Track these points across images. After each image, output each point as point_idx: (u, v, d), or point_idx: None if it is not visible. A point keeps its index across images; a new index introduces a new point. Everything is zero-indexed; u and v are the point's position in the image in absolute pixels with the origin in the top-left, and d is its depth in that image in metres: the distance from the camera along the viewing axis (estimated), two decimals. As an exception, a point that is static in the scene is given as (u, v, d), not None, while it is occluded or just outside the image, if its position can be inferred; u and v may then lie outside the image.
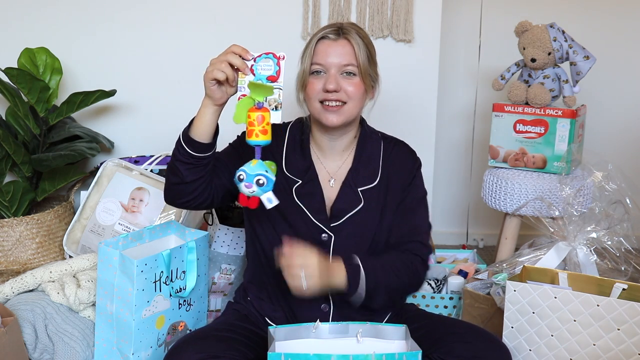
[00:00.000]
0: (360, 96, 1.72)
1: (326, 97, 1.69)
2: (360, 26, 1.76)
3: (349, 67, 1.69)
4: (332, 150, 1.79)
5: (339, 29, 1.71)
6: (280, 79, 1.57)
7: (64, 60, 2.58)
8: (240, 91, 1.57)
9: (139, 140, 2.73)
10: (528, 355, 1.76)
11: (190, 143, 1.63)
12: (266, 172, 1.51)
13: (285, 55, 1.57)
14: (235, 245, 2.22)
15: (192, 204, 1.72)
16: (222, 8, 2.67)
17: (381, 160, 1.80)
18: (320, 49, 1.70)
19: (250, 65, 1.57)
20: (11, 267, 2.34)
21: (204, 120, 1.62)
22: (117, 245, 1.83)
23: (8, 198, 2.38)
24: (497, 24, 2.98)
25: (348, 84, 1.69)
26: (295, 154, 1.78)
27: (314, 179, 1.76)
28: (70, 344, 1.88)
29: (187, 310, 1.92)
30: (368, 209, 1.75)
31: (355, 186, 1.76)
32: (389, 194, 1.77)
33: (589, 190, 2.28)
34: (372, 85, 1.76)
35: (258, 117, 1.51)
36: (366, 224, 1.74)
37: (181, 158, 1.65)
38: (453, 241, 3.17)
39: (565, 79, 2.40)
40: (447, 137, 3.12)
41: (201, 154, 1.64)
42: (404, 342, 1.60)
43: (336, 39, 1.70)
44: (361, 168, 1.78)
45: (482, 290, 2.10)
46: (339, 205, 1.75)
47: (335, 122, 1.70)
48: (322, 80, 1.69)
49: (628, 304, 1.64)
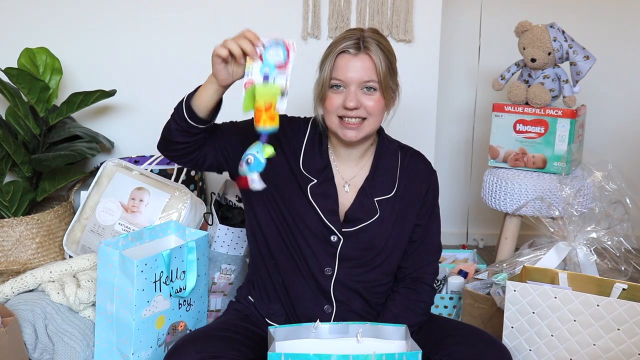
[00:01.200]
0: (380, 111, 1.69)
1: (346, 113, 1.67)
2: (380, 33, 1.71)
3: (369, 83, 1.66)
4: (349, 157, 1.78)
5: (359, 40, 1.66)
6: (289, 67, 1.53)
7: (64, 60, 2.58)
8: (248, 76, 1.53)
9: (139, 140, 2.73)
10: (528, 355, 1.76)
11: (189, 110, 1.62)
12: (257, 152, 1.50)
13: (294, 43, 1.53)
14: (235, 245, 2.22)
15: (177, 160, 1.74)
16: (222, 8, 2.67)
17: (399, 170, 1.79)
18: (340, 64, 1.66)
19: (260, 52, 1.53)
20: (11, 267, 2.34)
21: (205, 96, 1.60)
22: (117, 245, 1.83)
23: (8, 198, 2.38)
24: (497, 24, 2.98)
25: (368, 100, 1.66)
26: (313, 151, 1.77)
27: (330, 180, 1.75)
28: (70, 344, 1.88)
29: (187, 310, 1.92)
30: (382, 220, 1.74)
31: (372, 196, 1.75)
32: (404, 206, 1.77)
33: (589, 190, 2.28)
34: (393, 97, 1.73)
35: (266, 103, 1.49)
36: (378, 235, 1.74)
37: (177, 118, 1.65)
38: (453, 241, 3.17)
39: (565, 79, 2.40)
40: (447, 137, 3.12)
41: (195, 124, 1.63)
42: (404, 342, 1.60)
43: (356, 54, 1.65)
44: (378, 177, 1.77)
45: (482, 290, 2.10)
46: (355, 213, 1.74)
47: (353, 138, 1.69)
48: (342, 95, 1.66)
49: (628, 304, 1.64)
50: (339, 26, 2.65)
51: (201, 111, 1.62)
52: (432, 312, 2.19)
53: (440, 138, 3.01)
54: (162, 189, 2.24)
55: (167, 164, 2.46)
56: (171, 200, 2.20)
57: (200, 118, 1.62)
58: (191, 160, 1.73)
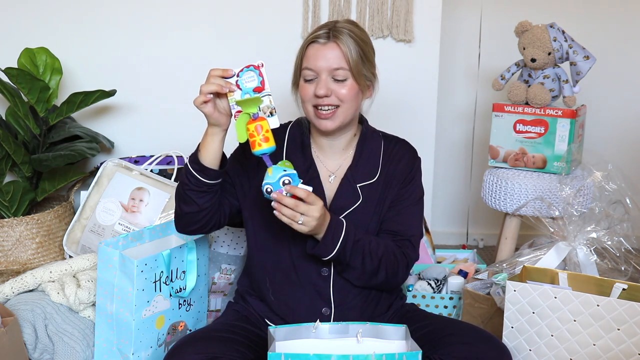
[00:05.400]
0: (352, 98, 1.70)
1: (318, 102, 1.69)
2: (356, 24, 1.73)
3: (339, 70, 1.67)
4: (332, 149, 1.79)
5: (330, 30, 1.68)
6: (266, 86, 1.59)
7: (64, 60, 2.58)
8: (234, 109, 1.58)
9: (139, 140, 2.73)
10: (528, 355, 1.76)
11: (202, 170, 1.62)
12: (284, 171, 1.53)
13: (263, 63, 1.58)
14: (235, 245, 2.22)
15: (204, 229, 1.74)
16: (222, 8, 2.67)
17: (381, 157, 1.79)
18: (310, 53, 1.69)
19: (235, 81, 1.58)
20: (11, 267, 2.34)
21: (212, 147, 1.62)
22: (117, 245, 1.83)
23: (8, 198, 2.38)
24: (497, 24, 2.98)
25: (340, 87, 1.68)
26: (296, 154, 1.78)
27: (315, 177, 1.76)
28: (70, 344, 1.88)
29: (187, 310, 1.92)
30: (366, 205, 1.75)
31: (354, 182, 1.76)
32: (388, 189, 1.77)
33: (589, 190, 2.28)
34: (368, 85, 1.75)
35: (257, 127, 1.54)
36: (364, 220, 1.74)
37: (193, 187, 1.64)
38: (453, 241, 3.17)
39: (565, 79, 2.40)
40: (447, 137, 3.11)
41: (213, 181, 1.64)
42: (404, 342, 1.60)
43: (325, 43, 1.67)
44: (361, 165, 1.77)
45: (482, 290, 2.10)
46: (338, 202, 1.74)
47: (329, 127, 1.71)
48: (314, 85, 1.69)
49: (628, 304, 1.64)
50: (339, 26, 2.64)
51: (214, 164, 1.63)
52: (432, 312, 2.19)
53: (440, 138, 3.01)
54: (162, 189, 2.24)
55: (167, 163, 2.46)
56: (171, 200, 2.20)
57: (216, 171, 1.63)
58: (218, 221, 1.74)
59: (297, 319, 1.72)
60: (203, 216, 1.69)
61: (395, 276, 1.72)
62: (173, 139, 2.64)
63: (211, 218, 1.71)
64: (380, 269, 1.69)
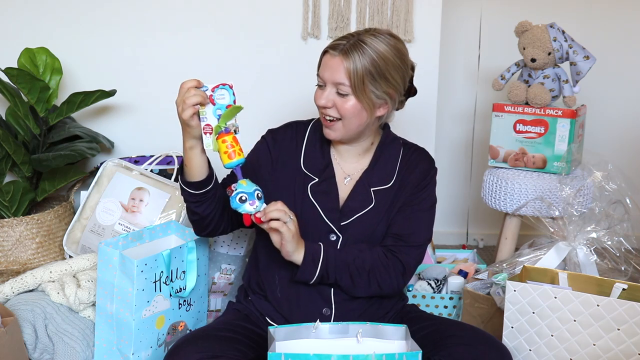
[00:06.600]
0: (354, 114, 1.68)
1: (322, 111, 1.70)
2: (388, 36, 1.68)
3: (341, 85, 1.65)
4: (349, 153, 1.80)
5: (347, 42, 1.65)
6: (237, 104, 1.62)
7: (64, 60, 2.58)
8: (203, 122, 1.60)
9: (139, 140, 2.73)
10: (528, 355, 1.76)
11: (189, 185, 1.66)
12: (258, 187, 1.60)
13: (233, 84, 1.62)
14: (235, 245, 2.22)
15: (217, 231, 1.78)
16: (221, 8, 2.67)
17: (399, 164, 1.79)
18: (323, 61, 1.70)
19: (209, 95, 1.60)
20: (11, 267, 2.34)
21: (196, 162, 1.64)
22: (117, 245, 1.83)
23: (8, 198, 2.38)
24: (497, 24, 2.98)
25: (343, 102, 1.67)
26: (314, 151, 1.79)
27: (331, 177, 1.76)
28: (70, 344, 1.88)
29: (187, 310, 1.92)
30: (378, 209, 1.75)
31: (369, 186, 1.76)
32: (400, 194, 1.77)
33: (589, 190, 2.28)
34: (380, 104, 1.71)
35: (231, 140, 1.58)
36: (374, 225, 1.74)
37: (188, 199, 1.69)
38: (453, 241, 3.17)
39: (565, 79, 2.40)
40: (447, 137, 3.11)
41: (203, 190, 1.66)
42: (404, 342, 1.60)
43: (335, 55, 1.65)
44: (377, 169, 1.78)
45: (482, 290, 2.10)
46: (351, 204, 1.75)
47: (331, 136, 1.72)
48: (321, 92, 1.70)
49: (628, 304, 1.64)
50: (339, 26, 2.64)
51: (198, 176, 1.65)
52: (432, 312, 2.19)
53: (440, 138, 3.00)
54: (162, 189, 2.24)
55: (167, 163, 2.46)
56: (171, 200, 2.20)
57: (201, 181, 1.65)
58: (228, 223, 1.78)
59: (298, 318, 1.72)
60: (209, 221, 1.73)
61: (390, 286, 1.73)
62: (173, 139, 2.62)
63: (218, 221, 1.74)
64: (372, 282, 1.70)
